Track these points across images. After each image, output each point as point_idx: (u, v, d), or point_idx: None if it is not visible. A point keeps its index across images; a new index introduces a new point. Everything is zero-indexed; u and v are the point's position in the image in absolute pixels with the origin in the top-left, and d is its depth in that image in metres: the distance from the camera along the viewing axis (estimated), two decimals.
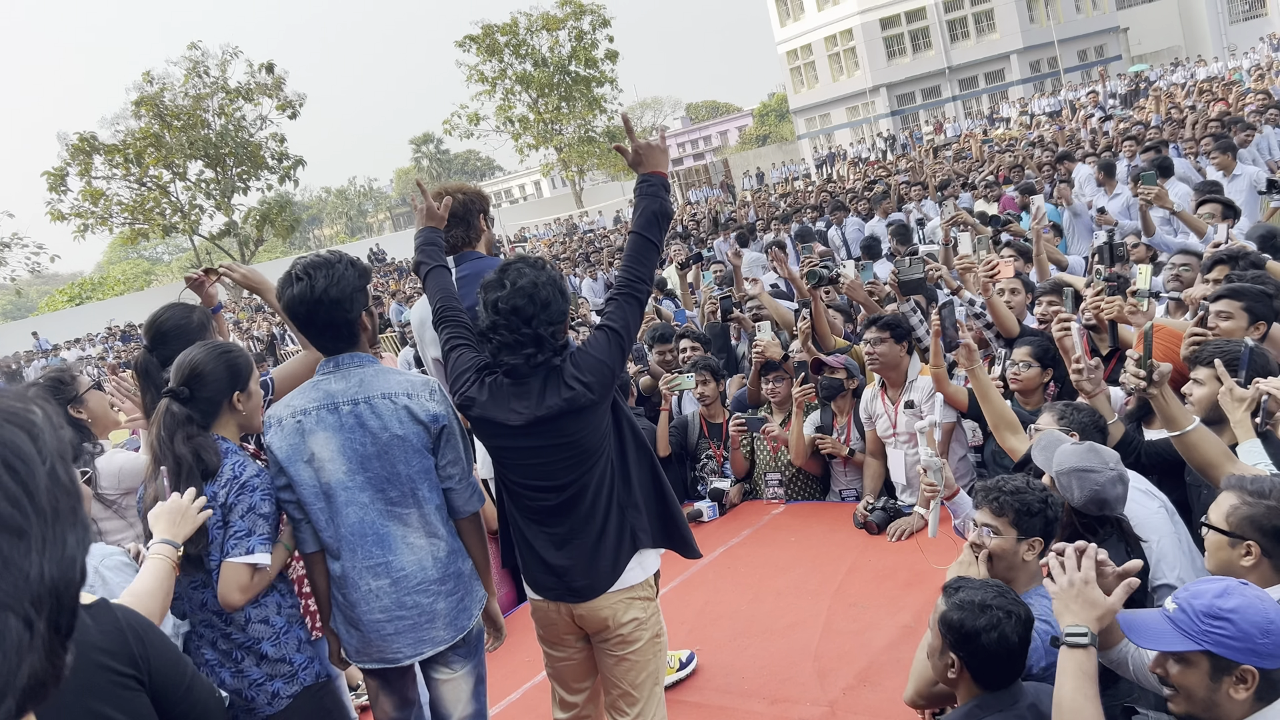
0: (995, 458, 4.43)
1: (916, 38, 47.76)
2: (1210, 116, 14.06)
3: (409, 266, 38.36)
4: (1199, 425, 3.02)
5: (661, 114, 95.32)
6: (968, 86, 47.90)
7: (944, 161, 20.98)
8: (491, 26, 43.97)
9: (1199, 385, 3.39)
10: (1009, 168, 14.94)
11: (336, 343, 2.87)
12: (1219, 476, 2.93)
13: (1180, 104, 21.20)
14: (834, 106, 50.81)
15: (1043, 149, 16.57)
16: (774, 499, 5.47)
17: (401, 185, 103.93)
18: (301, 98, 38.97)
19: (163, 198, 38.06)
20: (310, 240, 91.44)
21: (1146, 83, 35.92)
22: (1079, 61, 46.72)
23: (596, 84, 45.96)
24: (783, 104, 67.14)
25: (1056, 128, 23.96)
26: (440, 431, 2.87)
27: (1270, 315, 3.87)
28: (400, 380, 2.88)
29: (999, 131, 28.95)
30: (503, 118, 45.70)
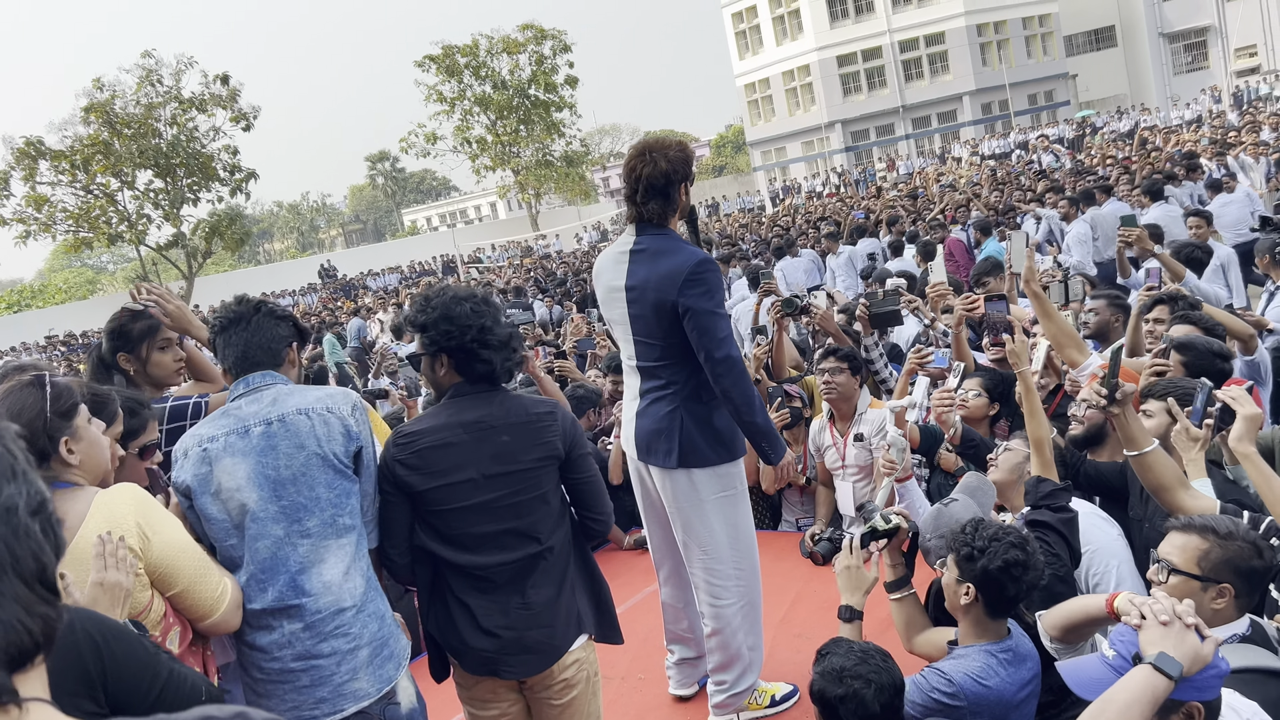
0: (940, 491, 4.47)
1: (872, 76, 48.58)
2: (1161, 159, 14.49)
3: (359, 282, 38.04)
4: (1157, 447, 3.06)
5: (620, 141, 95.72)
6: (920, 125, 48.78)
7: (895, 200, 21.32)
8: (452, 47, 43.92)
9: (1149, 417, 3.45)
10: (956, 207, 15.18)
11: (264, 359, 2.67)
12: (1170, 500, 2.98)
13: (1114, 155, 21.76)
14: (790, 140, 51.43)
15: (993, 189, 16.92)
16: None
17: (355, 202, 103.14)
18: (256, 110, 38.55)
19: (109, 206, 37.34)
20: (260, 254, 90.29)
21: (1092, 128, 36.90)
22: (1029, 105, 47.82)
23: (555, 108, 46.06)
24: (740, 136, 67.82)
25: (1013, 170, 24.45)
26: (359, 453, 2.62)
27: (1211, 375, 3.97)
28: (318, 393, 2.64)
29: (960, 170, 29.47)
30: (460, 138, 45.59)
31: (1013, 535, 2.72)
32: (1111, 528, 3.27)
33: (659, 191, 3.29)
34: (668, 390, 3.37)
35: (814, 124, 49.47)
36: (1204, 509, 2.87)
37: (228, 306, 2.74)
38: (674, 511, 3.49)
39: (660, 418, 3.37)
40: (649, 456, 3.44)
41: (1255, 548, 2.41)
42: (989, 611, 2.73)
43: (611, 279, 3.43)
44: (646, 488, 3.62)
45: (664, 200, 3.31)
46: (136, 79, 36.47)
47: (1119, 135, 31.97)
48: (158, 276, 39.87)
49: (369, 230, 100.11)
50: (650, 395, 3.41)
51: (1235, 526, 2.46)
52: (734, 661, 3.54)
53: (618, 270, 3.40)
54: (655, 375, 3.39)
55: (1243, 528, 2.47)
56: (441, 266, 39.71)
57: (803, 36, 48.69)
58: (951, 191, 19.19)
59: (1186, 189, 12.33)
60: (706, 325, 3.22)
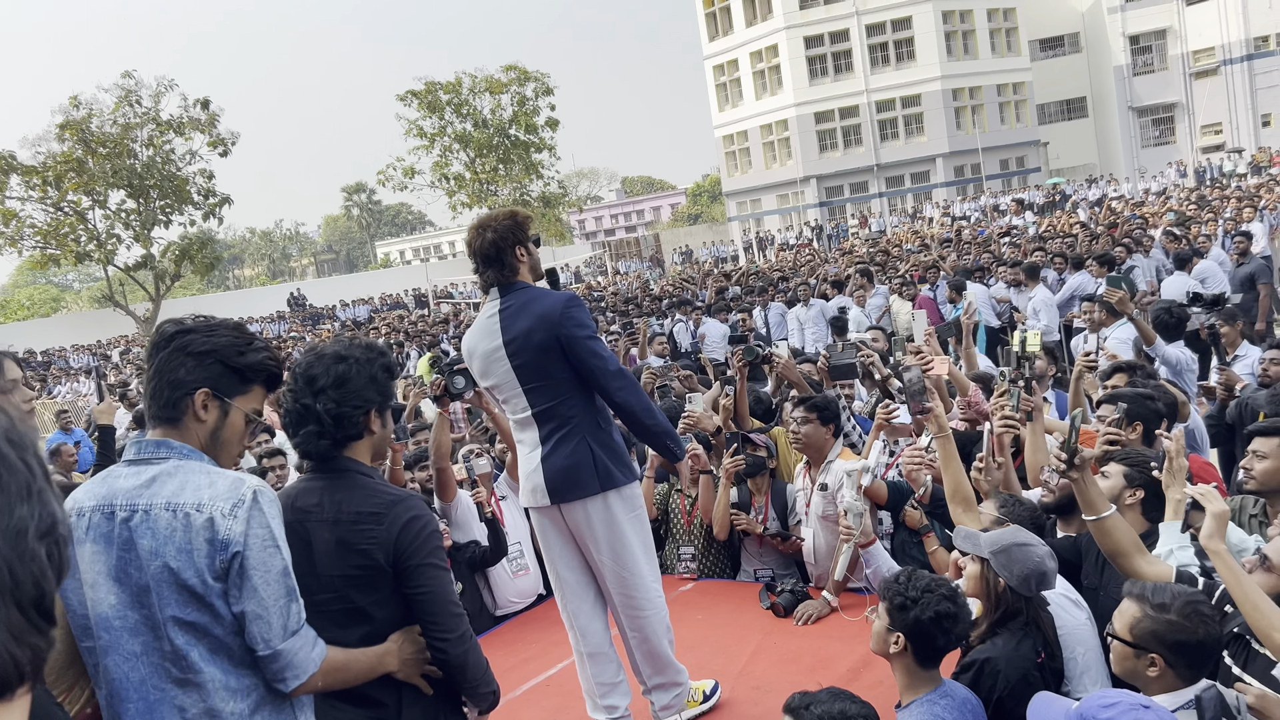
0: (904, 548, 4.48)
1: (848, 134, 49.33)
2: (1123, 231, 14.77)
3: (328, 313, 37.84)
4: (1114, 512, 3.10)
5: (598, 184, 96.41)
6: (894, 184, 49.50)
7: (864, 256, 21.58)
8: (435, 84, 44.15)
9: (1104, 479, 3.50)
10: (925, 267, 15.33)
11: (162, 410, 2.17)
12: (1127, 565, 3.02)
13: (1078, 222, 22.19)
14: (765, 193, 51.99)
15: (960, 252, 17.16)
16: (685, 574, 5.43)
17: (329, 232, 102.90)
18: (235, 136, 38.47)
19: (79, 224, 36.99)
20: (230, 280, 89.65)
21: (1062, 195, 37.66)
22: (1000, 170, 48.71)
23: (535, 149, 46.32)
24: (716, 185, 68.50)
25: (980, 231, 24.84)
26: (231, 564, 2.05)
27: (1148, 417, 4.10)
28: (202, 484, 2.09)
29: (931, 230, 29.91)
30: (438, 174, 45.67)
31: (944, 588, 2.80)
32: (1080, 611, 3.27)
33: (492, 260, 3.61)
34: (568, 425, 3.57)
35: (790, 178, 50.08)
36: (1159, 575, 2.92)
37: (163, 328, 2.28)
38: (596, 543, 3.65)
39: (571, 452, 3.56)
40: (568, 493, 3.59)
41: (1191, 622, 2.47)
42: (918, 660, 2.82)
43: (487, 344, 3.63)
44: (557, 533, 3.75)
45: (499, 266, 3.61)
46: (115, 98, 36.33)
47: (1089, 203, 32.60)
48: (124, 297, 39.43)
49: (341, 261, 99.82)
50: (554, 437, 3.59)
51: (1174, 599, 2.52)
52: (666, 666, 3.80)
53: (491, 334, 3.62)
54: (553, 415, 3.59)
55: (1182, 600, 2.53)
56: (413, 300, 39.60)
57: (782, 92, 49.43)
58: (923, 251, 19.45)
59: (1154, 259, 12.60)
60: (591, 349, 3.51)
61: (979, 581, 3.06)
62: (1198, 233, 14.21)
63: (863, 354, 5.64)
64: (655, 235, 58.52)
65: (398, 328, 19.99)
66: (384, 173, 45.34)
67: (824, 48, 48.32)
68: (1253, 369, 5.98)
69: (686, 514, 5.46)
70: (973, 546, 3.08)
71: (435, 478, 5.07)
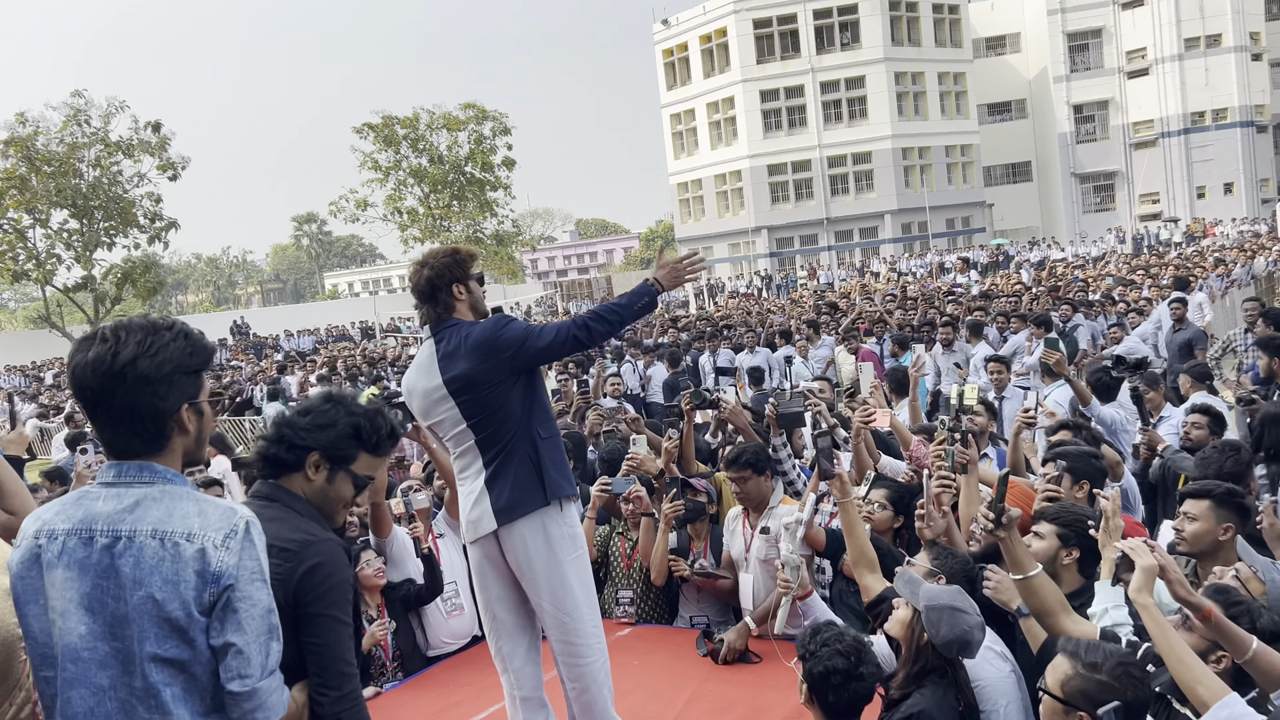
0: (841, 597, 4.47)
1: (800, 187, 50.11)
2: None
3: (271, 342, 37.27)
4: (1041, 572, 3.14)
5: (552, 225, 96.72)
6: (843, 238, 50.29)
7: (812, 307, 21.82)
8: (392, 118, 44.10)
9: (1039, 539, 3.53)
10: (872, 320, 15.51)
11: (131, 441, 2.04)
12: (1053, 625, 3.05)
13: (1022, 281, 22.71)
14: (717, 240, 52.52)
15: (907, 307, 17.43)
16: (623, 618, 5.37)
17: (277, 261, 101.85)
18: (185, 160, 37.97)
19: (18, 242, 36.15)
20: (173, 305, 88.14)
21: (1006, 256, 38.55)
22: (947, 229, 49.74)
23: (490, 187, 46.35)
24: (669, 231, 69.08)
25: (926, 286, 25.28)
26: (220, 598, 1.97)
27: (1094, 475, 4.18)
28: (191, 512, 2.01)
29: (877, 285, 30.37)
30: (391, 207, 45.49)
31: (845, 643, 2.80)
32: (1005, 663, 3.27)
33: (428, 297, 3.65)
34: (510, 445, 3.60)
35: (741, 227, 50.66)
36: (1085, 634, 2.95)
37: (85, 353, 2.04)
38: (535, 584, 3.61)
39: (515, 469, 3.58)
40: (514, 510, 3.57)
41: (1121, 683, 2.50)
42: (825, 714, 2.84)
43: (427, 383, 3.65)
44: (496, 572, 3.71)
45: (434, 303, 3.65)
46: (64, 117, 35.73)
47: (1031, 264, 33.37)
48: (61, 319, 38.53)
49: (288, 290, 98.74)
50: (497, 459, 3.60)
51: (1106, 658, 2.55)
52: (602, 717, 3.71)
53: (430, 373, 3.63)
54: (496, 440, 3.61)
55: (1114, 661, 2.55)
56: (359, 333, 39.21)
57: (737, 143, 50.15)
58: (868, 303, 19.72)
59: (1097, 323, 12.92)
60: (537, 350, 3.56)
61: (906, 629, 3.06)
62: (1138, 296, 14.59)
63: (810, 403, 5.67)
64: (607, 278, 58.70)
65: (349, 364, 19.66)
66: (336, 204, 45.03)
67: (779, 102, 49.20)
68: (1176, 430, 6.13)
69: (626, 557, 5.42)
70: (910, 595, 3.08)
71: (370, 513, 4.98)
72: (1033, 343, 10.78)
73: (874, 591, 3.71)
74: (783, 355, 13.62)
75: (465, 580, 5.25)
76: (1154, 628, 2.74)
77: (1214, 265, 21.63)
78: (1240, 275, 21.33)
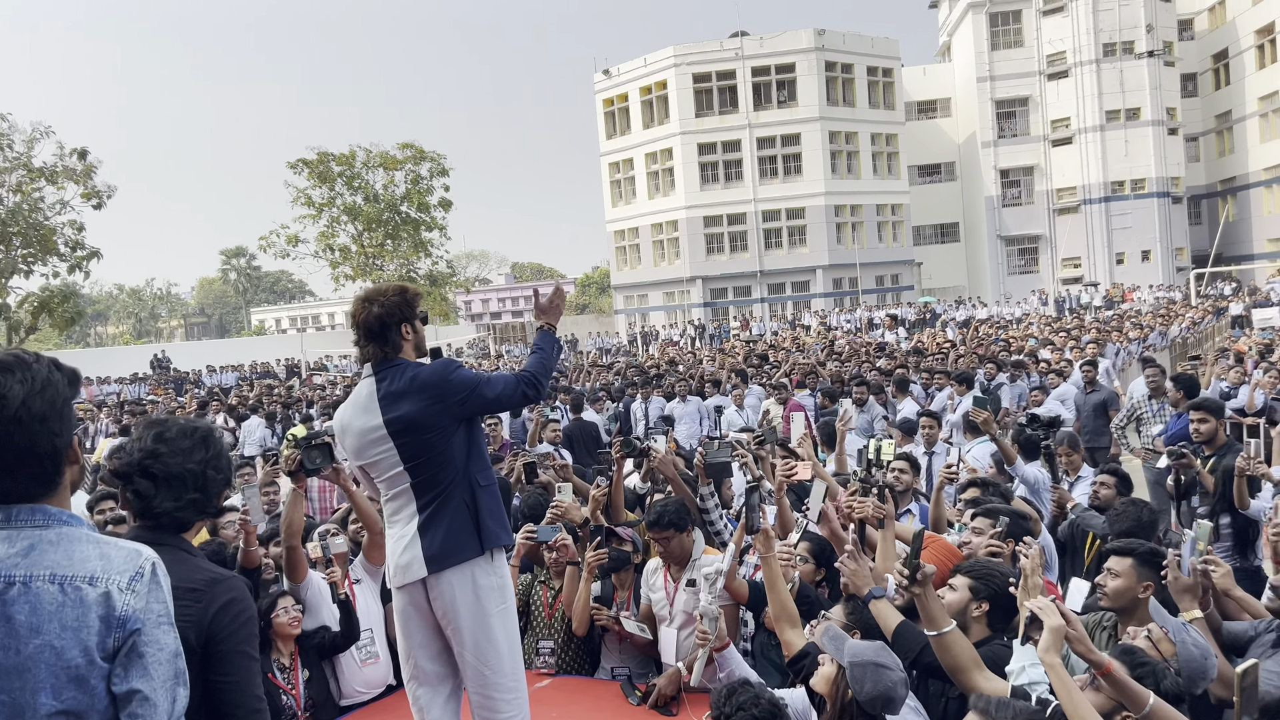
0: (763, 650, 4.45)
1: (735, 239, 50.78)
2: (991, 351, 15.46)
3: (194, 378, 36.38)
4: (954, 629, 3.16)
5: (487, 267, 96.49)
6: (775, 291, 50.98)
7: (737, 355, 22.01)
8: (328, 154, 43.83)
9: (952, 590, 3.56)
10: (805, 373, 15.66)
11: (28, 485, 1.92)
12: (965, 681, 3.08)
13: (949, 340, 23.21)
14: (652, 289, 52.86)
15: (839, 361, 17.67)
16: (543, 669, 5.27)
17: (203, 294, 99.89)
18: (111, 189, 37.25)
19: None
20: (91, 336, 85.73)
21: (933, 314, 39.43)
22: (876, 285, 50.75)
23: (426, 228, 46.18)
24: (605, 278, 69.37)
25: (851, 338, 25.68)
26: (125, 643, 1.87)
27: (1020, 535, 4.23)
28: (92, 555, 1.90)
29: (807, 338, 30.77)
30: (324, 244, 45.02)
31: (761, 707, 2.79)
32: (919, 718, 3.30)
33: (375, 335, 3.57)
34: (447, 491, 3.54)
35: (677, 276, 51.09)
36: (996, 691, 2.98)
37: None
38: (460, 634, 3.53)
39: (450, 516, 3.53)
40: (447, 559, 3.51)
41: None
42: None
43: (364, 422, 3.58)
44: (420, 619, 3.63)
45: (382, 342, 3.57)
46: None
47: (957, 323, 34.17)
48: None
49: (213, 325, 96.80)
50: (432, 505, 3.54)
51: (1015, 715, 2.58)
52: None
53: (369, 412, 3.57)
54: (433, 485, 3.55)
55: (1022, 718, 2.59)
56: (285, 370, 38.47)
57: (674, 194, 50.73)
58: (798, 354, 19.95)
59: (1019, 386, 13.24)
60: (475, 384, 3.53)
61: (831, 685, 3.06)
62: (1059, 358, 14.97)
63: (738, 453, 5.68)
64: None
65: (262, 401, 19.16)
66: (266, 238, 44.49)
67: (716, 155, 49.98)
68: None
69: (548, 606, 5.32)
70: (834, 651, 3.07)
71: (286, 556, 4.82)
72: (954, 400, 10.98)
73: (795, 647, 3.69)
74: (713, 404, 13.67)
75: (381, 627, 5.12)
76: (1059, 686, 2.78)
77: (1130, 330, 22.35)
78: (1156, 340, 22.08)
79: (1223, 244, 50.04)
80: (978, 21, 52.31)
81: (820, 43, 48.89)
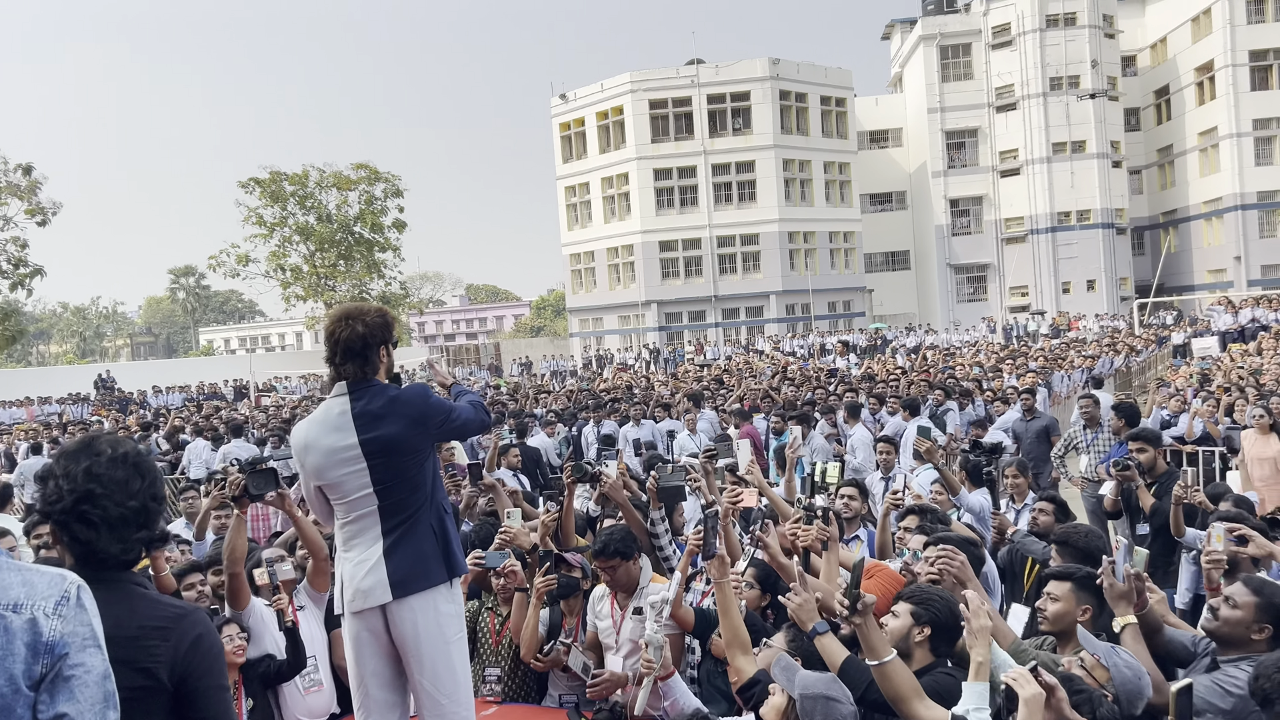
0: (709, 678, 4.46)
1: (690, 264, 51.03)
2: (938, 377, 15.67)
3: (139, 399, 35.69)
4: (895, 659, 3.19)
5: (442, 288, 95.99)
6: (730, 316, 51.27)
7: (693, 380, 22.08)
8: (280, 174, 43.41)
9: (894, 617, 3.60)
10: (760, 397, 15.76)
11: None
12: (907, 711, 3.10)
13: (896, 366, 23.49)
14: (608, 312, 52.90)
15: (792, 385, 17.79)
16: (490, 696, 5.22)
17: (150, 313, 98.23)
18: (57, 206, 36.62)
19: None
20: (33, 355, 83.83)
21: (883, 340, 39.87)
22: (829, 311, 51.25)
23: (379, 249, 45.86)
24: (560, 301, 69.33)
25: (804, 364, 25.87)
26: (52, 669, 1.84)
27: (971, 564, 4.29)
28: (14, 581, 1.88)
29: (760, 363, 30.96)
30: (275, 264, 44.51)
31: None
32: None
33: (356, 354, 3.56)
34: (413, 517, 3.54)
35: (632, 300, 51.19)
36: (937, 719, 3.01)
37: None
38: (419, 660, 3.52)
39: (418, 541, 3.53)
40: (413, 584, 3.50)
41: None
42: None
43: (334, 441, 3.55)
44: (375, 645, 3.60)
45: (362, 361, 3.58)
46: None
47: (907, 349, 34.59)
48: None
49: (160, 345, 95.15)
50: (397, 530, 3.53)
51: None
52: None
53: (341, 431, 3.54)
54: (399, 510, 3.54)
55: None
56: (233, 392, 37.92)
57: (629, 218, 50.90)
58: (751, 379, 20.05)
59: (966, 413, 13.43)
60: (449, 410, 3.64)
61: (780, 716, 3.07)
62: (1001, 385, 15.21)
63: (690, 478, 5.70)
64: (496, 344, 58.44)
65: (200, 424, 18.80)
66: (216, 258, 43.90)
67: (672, 181, 50.27)
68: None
69: (495, 633, 5.29)
70: (785, 682, 3.08)
71: (228, 583, 4.75)
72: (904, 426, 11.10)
73: (746, 674, 3.69)
74: (665, 429, 13.70)
75: (325, 655, 5.06)
76: None
77: (1076, 359, 22.76)
78: (1104, 368, 22.49)
79: (1165, 274, 51.23)
80: (929, 54, 53.31)
81: (775, 72, 49.48)
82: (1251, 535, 4.63)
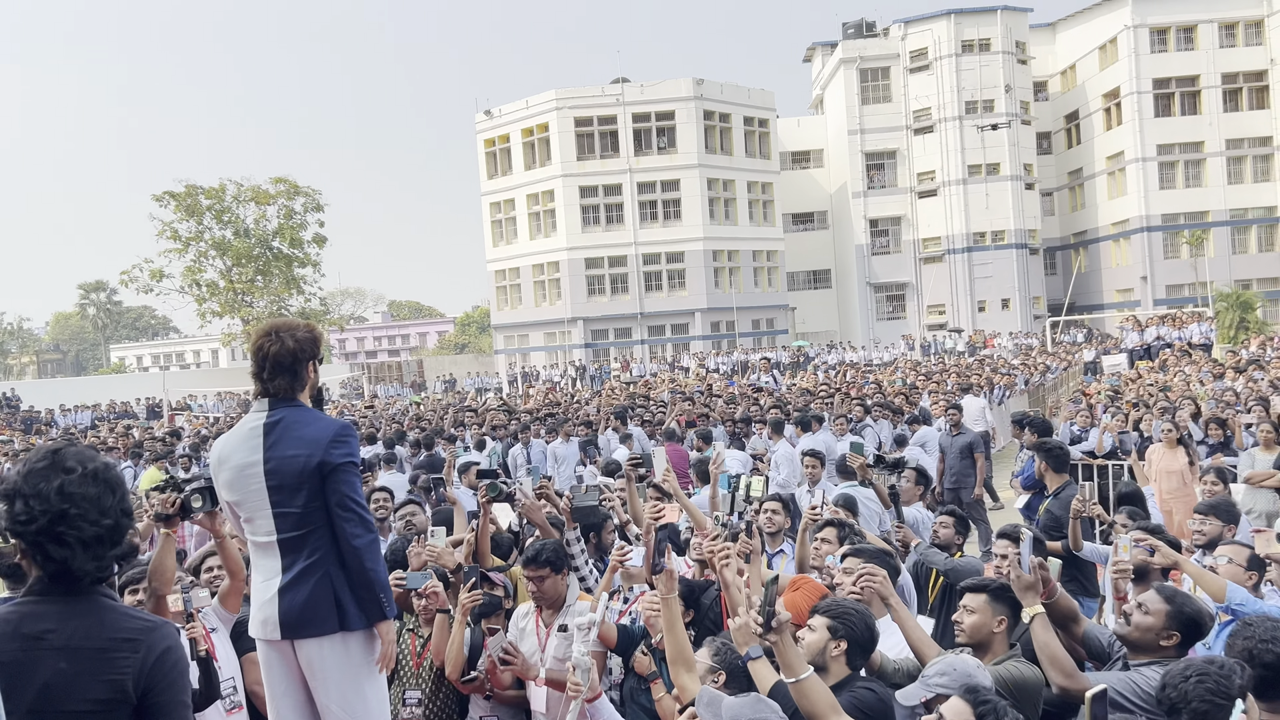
0: (633, 695, 4.45)
1: (616, 281, 51.15)
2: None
3: (46, 419, 34.44)
4: (812, 675, 3.21)
5: (364, 305, 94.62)
6: (656, 333, 51.49)
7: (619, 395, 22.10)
8: (196, 187, 42.45)
9: (811, 631, 3.63)
10: (696, 415, 15.73)
11: None
12: None
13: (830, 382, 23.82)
14: (533, 329, 52.71)
15: (730, 403, 17.93)
16: (410, 719, 5.14)
17: (58, 330, 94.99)
18: None
19: None
20: None
21: (806, 357, 40.42)
22: (752, 329, 51.80)
23: (299, 264, 45.09)
24: (485, 317, 68.83)
25: (730, 383, 26.08)
26: None
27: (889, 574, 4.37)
28: None
29: (687, 381, 31.11)
30: (190, 279, 43.44)
31: None
32: None
33: (286, 369, 3.49)
34: (313, 558, 3.42)
35: (558, 317, 51.10)
36: None
37: None
38: (326, 688, 3.44)
39: (313, 587, 3.40)
40: (301, 629, 3.40)
41: None
42: None
43: (244, 458, 3.47)
44: (285, 670, 3.53)
45: (291, 377, 3.51)
46: None
47: (828, 366, 35.12)
48: None
49: (69, 362, 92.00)
50: (295, 568, 3.43)
51: None
52: None
53: (250, 448, 3.46)
54: (299, 546, 3.43)
55: None
56: (145, 410, 36.84)
57: (555, 235, 50.86)
58: (682, 398, 20.12)
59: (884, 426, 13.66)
60: (348, 478, 3.43)
61: None
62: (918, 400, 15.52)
63: (605, 497, 5.69)
64: (419, 361, 57.76)
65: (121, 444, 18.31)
66: (129, 273, 42.73)
67: (598, 198, 50.39)
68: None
69: (416, 655, 5.20)
70: (712, 715, 3.07)
71: (153, 606, 4.58)
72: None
73: (690, 692, 3.67)
74: (587, 442, 13.68)
75: (240, 675, 4.92)
76: None
77: (992, 374, 23.34)
78: (1020, 385, 23.10)
79: (1075, 294, 52.95)
80: (849, 77, 54.44)
81: (699, 92, 50.00)
82: (1158, 545, 4.79)
